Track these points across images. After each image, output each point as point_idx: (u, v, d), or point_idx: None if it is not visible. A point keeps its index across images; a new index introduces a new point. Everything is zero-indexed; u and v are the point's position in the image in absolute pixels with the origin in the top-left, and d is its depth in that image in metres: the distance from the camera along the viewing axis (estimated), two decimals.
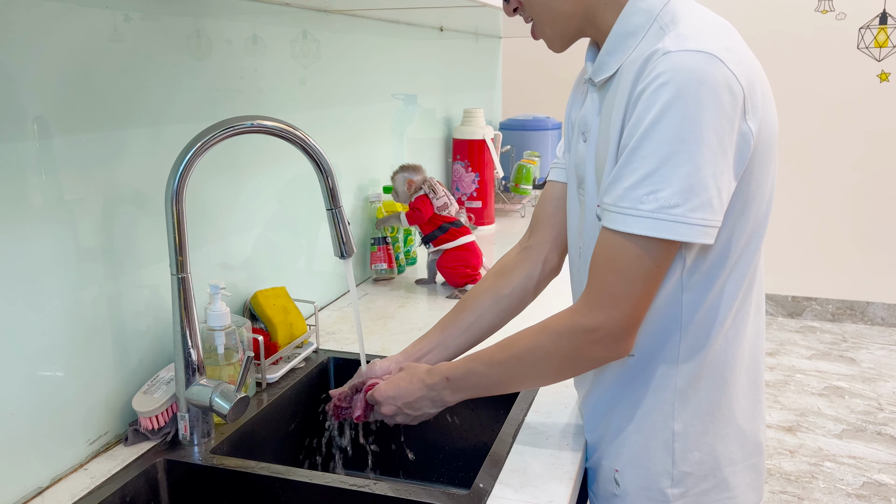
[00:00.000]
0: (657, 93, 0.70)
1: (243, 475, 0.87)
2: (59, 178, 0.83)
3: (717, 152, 0.70)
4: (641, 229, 0.71)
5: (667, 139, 0.69)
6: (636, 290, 0.74)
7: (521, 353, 0.83)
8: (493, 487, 0.82)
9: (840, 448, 2.59)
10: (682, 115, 0.68)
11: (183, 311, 0.88)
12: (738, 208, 0.77)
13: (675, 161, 0.69)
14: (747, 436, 0.87)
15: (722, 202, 0.72)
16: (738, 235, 0.79)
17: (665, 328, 0.81)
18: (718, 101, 0.69)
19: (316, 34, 1.39)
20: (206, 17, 1.07)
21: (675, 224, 0.70)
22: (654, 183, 0.70)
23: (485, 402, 1.12)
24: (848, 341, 3.56)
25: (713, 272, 0.79)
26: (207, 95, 1.08)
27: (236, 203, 1.17)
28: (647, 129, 0.70)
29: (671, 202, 0.70)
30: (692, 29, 0.73)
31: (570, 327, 0.78)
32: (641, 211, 0.71)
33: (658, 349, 0.82)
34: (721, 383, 0.83)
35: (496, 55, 2.82)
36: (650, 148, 0.70)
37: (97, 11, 0.87)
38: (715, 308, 0.80)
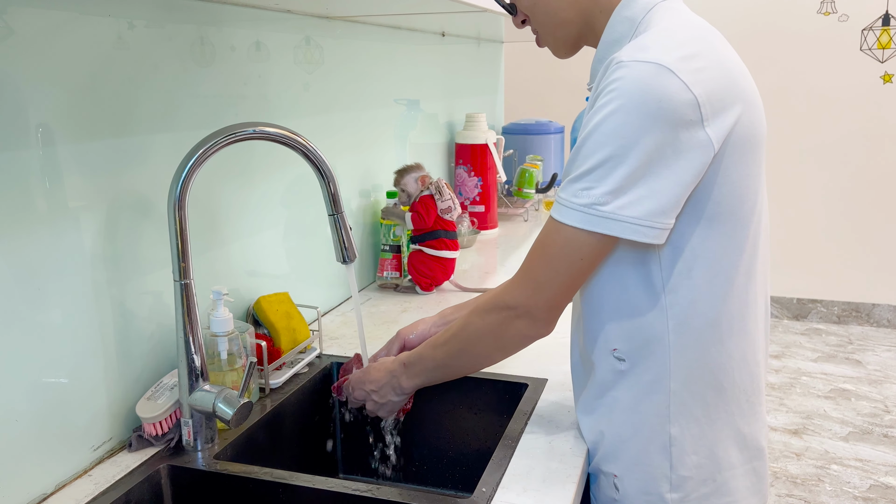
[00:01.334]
0: (605, 98, 0.74)
1: (247, 480, 0.87)
2: (64, 185, 0.84)
3: (656, 158, 0.72)
4: (571, 220, 0.76)
5: (606, 142, 0.73)
6: (559, 278, 0.80)
7: (457, 331, 0.90)
8: (495, 492, 0.82)
9: (846, 451, 2.58)
10: (623, 122, 0.72)
11: (186, 317, 0.89)
12: (711, 211, 0.77)
13: (612, 163, 0.73)
14: (747, 439, 0.86)
15: (661, 204, 0.73)
16: (717, 238, 0.79)
17: (652, 332, 0.82)
18: (662, 110, 0.71)
19: (319, 40, 1.39)
20: (210, 25, 1.08)
21: (603, 220, 0.74)
22: (590, 180, 0.74)
23: (488, 405, 1.12)
24: (854, 343, 3.55)
25: (694, 273, 0.79)
26: (211, 102, 1.09)
27: (239, 209, 1.18)
28: (592, 130, 0.74)
29: (602, 200, 0.74)
30: (651, 39, 0.76)
31: (494, 304, 0.86)
32: (574, 204, 0.76)
33: (648, 353, 0.82)
34: (717, 386, 0.83)
35: (498, 60, 2.82)
36: (591, 148, 0.74)
37: (101, 20, 0.88)
38: (700, 310, 0.81)
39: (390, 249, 1.61)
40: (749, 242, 0.81)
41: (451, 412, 1.15)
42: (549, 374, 1.12)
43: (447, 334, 0.92)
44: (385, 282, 1.62)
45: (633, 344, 0.83)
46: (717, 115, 0.74)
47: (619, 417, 0.86)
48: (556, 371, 1.13)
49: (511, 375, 1.11)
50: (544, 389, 1.08)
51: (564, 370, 1.13)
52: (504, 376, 1.11)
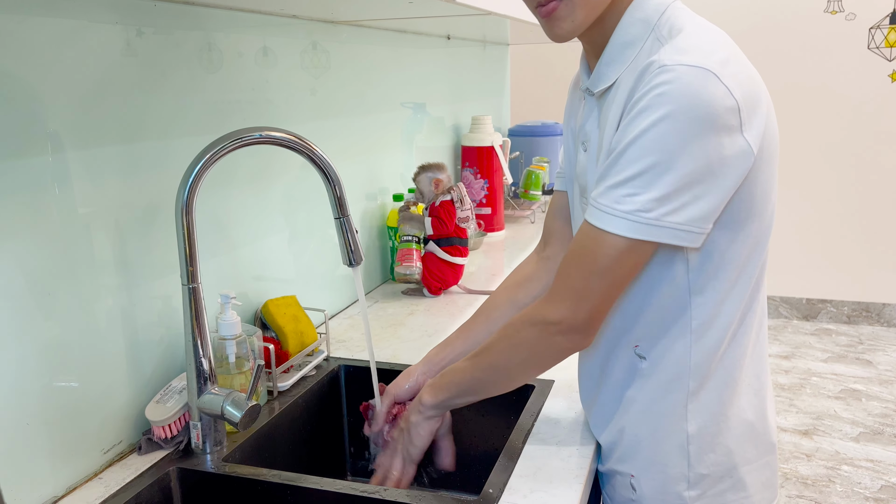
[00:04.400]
0: (651, 104, 0.71)
1: (255, 483, 0.88)
2: (73, 191, 0.85)
3: (703, 166, 0.71)
4: (614, 227, 0.73)
5: (654, 148, 0.71)
6: (600, 286, 0.76)
7: (492, 345, 0.87)
8: (502, 493, 0.83)
9: (857, 451, 2.56)
10: (672, 128, 0.70)
11: (194, 321, 0.89)
12: (742, 215, 0.78)
13: (658, 170, 0.71)
14: (759, 434, 0.87)
15: (704, 211, 0.73)
16: (743, 240, 0.79)
17: (676, 331, 0.82)
18: (710, 116, 0.70)
19: (325, 45, 1.40)
20: (217, 31, 1.08)
21: (649, 227, 0.72)
22: (634, 186, 0.72)
23: (495, 407, 1.12)
24: (864, 343, 3.53)
25: (721, 275, 0.80)
26: (219, 107, 1.10)
27: (246, 213, 1.19)
28: (637, 136, 0.72)
29: (647, 206, 0.72)
30: (689, 42, 0.74)
31: (533, 319, 0.81)
32: (617, 210, 0.73)
33: (669, 353, 0.83)
34: (731, 383, 0.84)
35: (504, 62, 2.83)
36: (635, 154, 0.72)
37: (109, 27, 0.89)
38: (724, 310, 0.81)
39: (411, 239, 1.55)
40: (768, 243, 0.83)
41: (458, 414, 1.15)
42: (556, 376, 1.12)
43: (479, 350, 0.88)
44: (407, 275, 1.54)
45: (655, 343, 0.83)
46: (751, 120, 0.73)
47: (636, 417, 0.86)
48: (563, 373, 1.13)
49: None
50: (550, 391, 1.08)
51: (571, 373, 1.13)
52: None
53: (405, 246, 1.56)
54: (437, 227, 1.55)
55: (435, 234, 1.56)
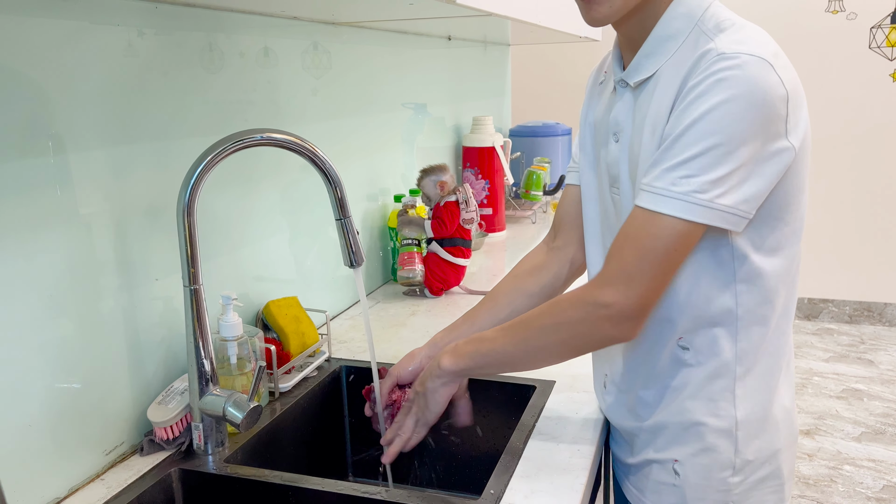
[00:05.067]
0: (712, 89, 0.72)
1: (257, 483, 0.88)
2: (75, 192, 0.85)
3: (756, 151, 0.73)
4: (669, 209, 0.74)
5: (713, 131, 0.72)
6: (653, 270, 0.76)
7: (530, 320, 0.84)
8: (504, 494, 0.83)
9: (859, 451, 2.56)
10: (732, 111, 0.72)
11: (196, 322, 0.90)
12: (785, 206, 0.80)
13: (716, 153, 0.72)
14: (793, 420, 0.89)
15: (751, 194, 0.75)
16: (785, 230, 0.82)
17: (723, 320, 0.82)
18: (767, 104, 0.72)
19: (326, 46, 1.40)
20: (219, 32, 1.09)
21: (703, 209, 0.73)
22: (691, 168, 0.73)
23: (496, 408, 1.12)
24: (866, 343, 3.52)
25: (763, 263, 0.81)
26: (220, 108, 1.10)
27: (247, 214, 1.19)
28: (696, 119, 0.73)
29: (703, 188, 0.73)
30: (744, 34, 0.76)
31: (582, 300, 0.79)
32: (673, 192, 0.74)
33: (714, 342, 0.83)
34: (776, 369, 0.86)
35: (505, 63, 2.83)
36: (695, 137, 0.73)
37: (111, 28, 0.89)
38: (768, 297, 0.82)
39: (412, 243, 1.56)
40: (801, 236, 0.86)
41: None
42: (557, 376, 1.12)
43: (514, 322, 0.86)
44: (410, 279, 1.55)
45: (700, 332, 0.83)
46: (796, 114, 0.76)
47: (683, 404, 0.86)
48: (564, 373, 1.13)
49: (519, 378, 1.12)
50: (552, 392, 1.08)
51: (572, 372, 1.13)
52: (512, 378, 1.12)
53: (406, 250, 1.57)
54: (436, 228, 1.55)
55: (436, 235, 1.56)
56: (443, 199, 1.56)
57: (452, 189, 1.57)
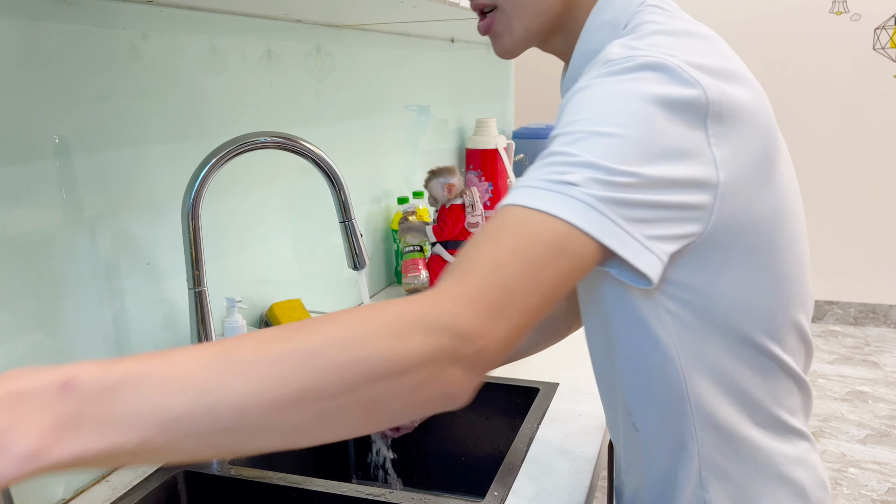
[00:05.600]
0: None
1: (261, 485, 0.88)
2: (79, 195, 0.85)
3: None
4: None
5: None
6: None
7: (290, 339, 0.43)
8: (507, 497, 0.83)
9: (864, 454, 2.55)
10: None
11: (200, 324, 0.90)
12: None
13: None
14: (798, 482, 0.69)
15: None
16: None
17: (663, 388, 0.66)
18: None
19: (329, 48, 1.41)
20: (222, 35, 1.09)
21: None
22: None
23: (499, 410, 1.12)
24: (871, 345, 3.51)
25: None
26: (223, 111, 1.10)
27: (251, 216, 1.19)
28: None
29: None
30: (650, 39, 0.60)
31: (432, 320, 0.45)
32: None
33: (662, 414, 0.67)
34: (755, 442, 0.67)
35: (508, 64, 2.83)
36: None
37: (114, 32, 0.89)
38: (715, 353, 0.64)
39: (416, 249, 1.56)
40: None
41: (463, 417, 1.15)
42: (561, 378, 1.12)
43: (276, 339, 0.44)
44: (415, 285, 1.55)
45: (647, 410, 0.68)
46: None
47: (652, 484, 0.72)
48: (567, 375, 1.13)
49: (522, 380, 1.12)
50: (555, 394, 1.08)
51: (576, 375, 1.13)
52: (515, 381, 1.12)
53: (409, 256, 1.58)
54: (438, 232, 1.55)
55: (438, 238, 1.56)
56: (449, 201, 1.56)
57: (460, 192, 1.57)
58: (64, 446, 0.38)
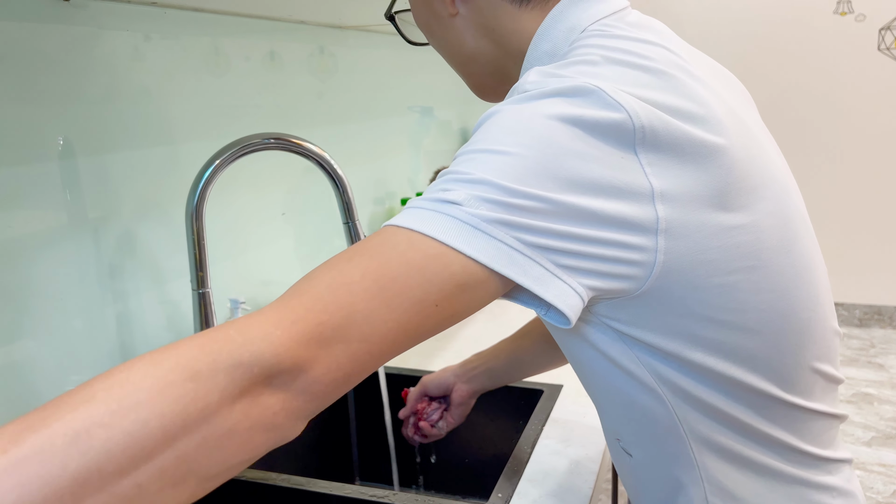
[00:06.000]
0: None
1: (264, 487, 0.88)
2: (83, 196, 0.85)
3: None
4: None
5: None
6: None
7: (74, 426, 0.35)
8: (511, 498, 0.82)
9: (869, 456, 2.54)
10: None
11: (204, 326, 0.90)
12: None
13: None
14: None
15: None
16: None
17: (654, 416, 0.60)
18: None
19: (332, 49, 1.41)
20: (225, 36, 1.09)
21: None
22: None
23: (503, 412, 1.12)
24: (876, 347, 3.50)
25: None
26: (227, 112, 1.10)
27: (255, 218, 1.19)
28: None
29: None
30: (573, 67, 0.53)
31: (236, 350, 0.40)
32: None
33: (656, 443, 0.61)
34: (764, 463, 0.60)
35: None
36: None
37: (118, 34, 0.89)
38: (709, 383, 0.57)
39: None
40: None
41: (467, 418, 1.15)
42: (565, 380, 1.12)
43: (21, 433, 0.35)
44: None
45: (637, 436, 0.62)
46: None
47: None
48: (572, 377, 1.13)
49: (526, 381, 1.11)
50: (559, 395, 1.07)
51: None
52: (519, 382, 1.11)
53: None
54: None
55: None
56: None
57: None
58: None
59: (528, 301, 0.50)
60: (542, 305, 0.49)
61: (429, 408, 1.01)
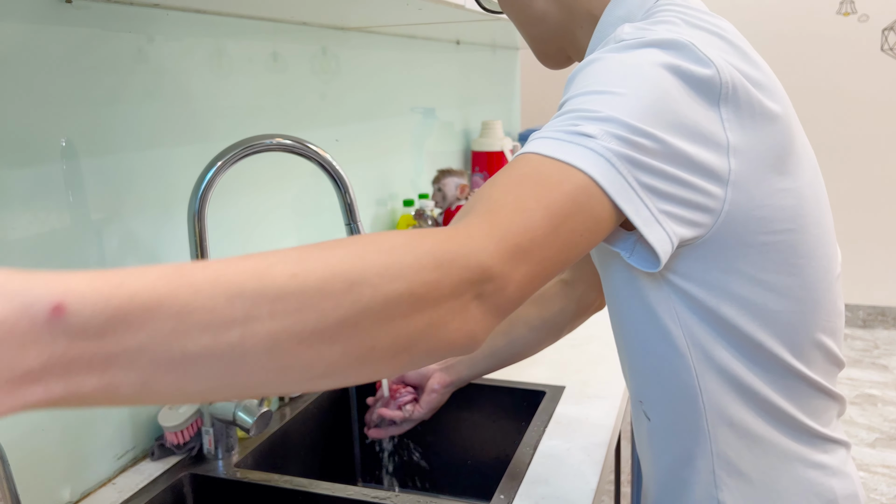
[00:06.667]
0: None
1: (267, 488, 0.88)
2: (87, 198, 0.86)
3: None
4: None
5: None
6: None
7: (354, 271, 0.38)
8: (513, 500, 0.82)
9: (873, 457, 2.54)
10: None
11: None
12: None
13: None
14: (827, 490, 0.66)
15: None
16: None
17: (676, 380, 0.64)
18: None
19: (335, 50, 1.41)
20: (228, 37, 1.09)
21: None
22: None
23: (505, 413, 1.12)
24: (880, 348, 3.49)
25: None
26: (229, 113, 1.10)
27: (257, 219, 1.19)
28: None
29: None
30: (663, 25, 0.59)
31: (467, 254, 0.42)
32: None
33: (674, 407, 0.65)
34: (775, 442, 0.64)
35: (514, 66, 2.83)
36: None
37: (122, 35, 0.89)
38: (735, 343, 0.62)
39: None
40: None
41: (469, 420, 1.15)
42: (567, 381, 1.12)
43: (314, 261, 0.38)
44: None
45: (658, 400, 0.66)
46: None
47: (665, 478, 0.70)
48: (574, 379, 1.13)
49: (528, 383, 1.11)
50: (561, 397, 1.07)
51: (582, 378, 1.13)
52: (521, 384, 1.11)
53: None
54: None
55: None
56: (457, 202, 1.56)
57: (467, 195, 1.57)
58: (51, 385, 0.32)
59: (622, 248, 0.55)
60: (628, 247, 0.55)
61: (401, 390, 0.97)
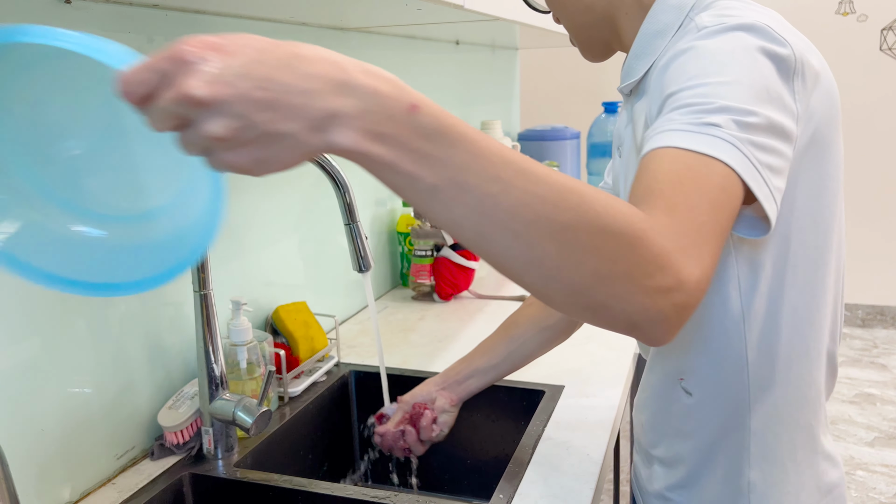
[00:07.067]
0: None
1: (266, 488, 0.88)
2: None
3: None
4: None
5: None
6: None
7: (588, 194, 0.45)
8: (512, 499, 0.82)
9: (872, 456, 2.54)
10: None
11: (205, 327, 0.90)
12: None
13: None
14: (831, 488, 0.76)
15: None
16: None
17: (727, 360, 0.70)
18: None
19: (334, 51, 1.41)
20: None
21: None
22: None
23: (504, 413, 1.12)
24: (879, 347, 3.49)
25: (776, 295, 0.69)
26: None
27: (256, 219, 1.19)
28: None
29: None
30: (734, 10, 0.64)
31: (666, 243, 0.46)
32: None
33: (721, 386, 0.71)
34: (806, 425, 0.72)
35: (513, 66, 2.83)
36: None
37: (121, 36, 0.90)
38: (789, 335, 0.69)
39: (429, 254, 1.58)
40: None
41: (469, 419, 1.15)
42: (566, 380, 1.12)
43: (562, 176, 0.45)
44: (423, 287, 1.58)
45: (704, 374, 0.71)
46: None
47: (693, 455, 0.74)
48: (573, 378, 1.13)
49: (528, 382, 1.12)
50: (561, 396, 1.08)
51: (581, 377, 1.13)
52: (521, 383, 1.11)
53: (420, 262, 1.58)
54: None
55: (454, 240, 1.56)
56: None
57: None
58: (385, 149, 0.46)
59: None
60: (743, 222, 0.59)
61: (423, 410, 0.97)
